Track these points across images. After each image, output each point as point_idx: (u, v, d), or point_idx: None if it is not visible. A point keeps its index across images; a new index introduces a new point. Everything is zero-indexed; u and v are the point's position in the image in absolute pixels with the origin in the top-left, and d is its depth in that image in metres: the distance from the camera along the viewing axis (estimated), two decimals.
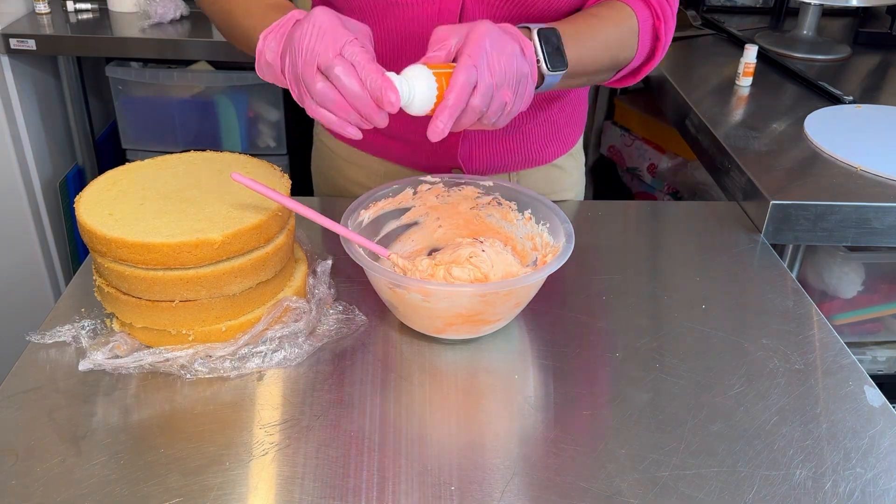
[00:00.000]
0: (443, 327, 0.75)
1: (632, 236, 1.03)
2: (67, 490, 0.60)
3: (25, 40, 1.65)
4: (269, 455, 0.64)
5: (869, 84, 1.55)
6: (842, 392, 0.73)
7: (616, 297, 0.86)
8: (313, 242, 0.88)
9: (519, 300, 0.75)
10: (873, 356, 1.35)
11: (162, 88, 1.87)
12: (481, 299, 0.71)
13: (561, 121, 1.04)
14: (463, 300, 0.71)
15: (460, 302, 0.71)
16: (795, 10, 1.78)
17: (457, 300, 0.71)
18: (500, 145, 1.00)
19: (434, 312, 0.73)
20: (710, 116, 1.29)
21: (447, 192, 0.86)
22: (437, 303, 0.71)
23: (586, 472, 0.63)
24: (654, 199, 1.97)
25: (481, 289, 0.71)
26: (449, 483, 0.62)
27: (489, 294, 0.71)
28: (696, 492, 0.62)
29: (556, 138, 1.05)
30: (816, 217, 1.01)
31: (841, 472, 0.64)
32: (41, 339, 0.74)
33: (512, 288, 0.72)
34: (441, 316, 0.73)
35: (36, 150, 1.77)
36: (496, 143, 1.00)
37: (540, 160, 1.04)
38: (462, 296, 0.71)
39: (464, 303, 0.71)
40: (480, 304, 0.71)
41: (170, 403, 0.69)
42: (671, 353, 0.77)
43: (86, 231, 0.69)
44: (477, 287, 0.72)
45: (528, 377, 0.74)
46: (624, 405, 0.70)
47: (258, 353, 0.73)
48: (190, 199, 0.74)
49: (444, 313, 0.72)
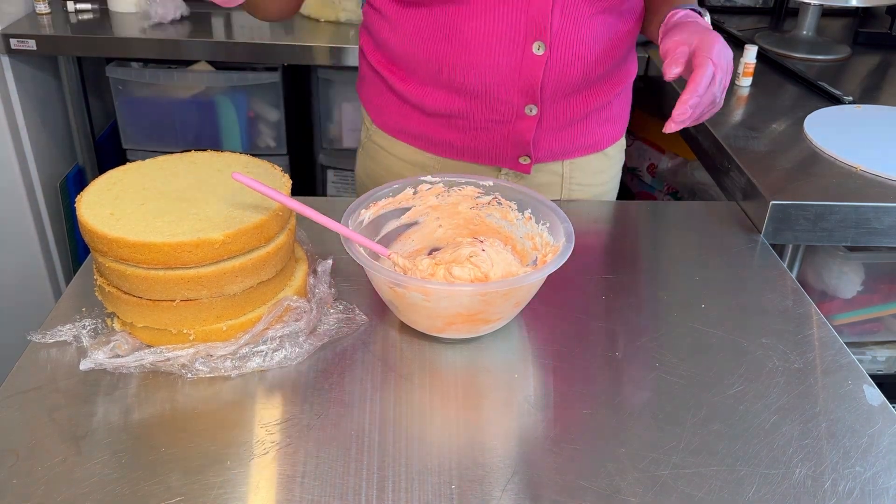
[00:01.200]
0: (443, 326, 0.75)
1: (632, 236, 1.03)
2: (68, 489, 0.60)
3: (25, 40, 1.65)
4: (270, 454, 0.64)
5: (869, 84, 1.55)
6: (841, 391, 0.73)
7: (616, 297, 0.86)
8: (314, 242, 0.88)
9: (519, 300, 0.75)
10: (873, 356, 1.36)
11: (162, 88, 1.87)
12: (481, 298, 0.71)
13: (619, 107, 1.07)
14: (463, 299, 0.71)
15: (460, 301, 0.71)
16: (795, 10, 1.78)
17: (457, 299, 0.71)
18: (567, 131, 1.02)
19: (434, 312, 0.73)
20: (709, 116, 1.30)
21: (447, 192, 0.87)
22: (437, 302, 0.71)
23: (586, 471, 0.63)
24: (654, 199, 1.97)
25: (481, 288, 0.71)
26: (449, 482, 0.62)
27: (489, 293, 0.71)
28: (696, 490, 0.62)
29: (612, 125, 1.07)
30: (816, 217, 1.01)
31: (840, 470, 0.64)
32: (42, 339, 0.74)
33: (512, 287, 0.72)
34: (441, 315, 0.73)
35: (36, 150, 1.77)
36: (564, 130, 1.01)
37: (597, 146, 1.06)
38: (462, 295, 0.71)
39: (464, 302, 0.71)
40: (480, 304, 0.71)
41: (171, 403, 0.69)
42: (671, 352, 0.78)
43: (87, 231, 0.69)
44: (477, 286, 0.72)
45: (528, 377, 0.74)
46: (624, 405, 0.71)
47: (259, 353, 0.73)
48: (190, 198, 0.74)
49: (444, 312, 0.73)
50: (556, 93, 0.96)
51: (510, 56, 0.91)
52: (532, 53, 0.91)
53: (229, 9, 1.88)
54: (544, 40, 0.90)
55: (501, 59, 0.91)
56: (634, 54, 1.07)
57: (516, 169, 1.03)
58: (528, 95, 0.94)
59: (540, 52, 0.91)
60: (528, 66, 0.92)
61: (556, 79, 0.94)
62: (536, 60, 0.91)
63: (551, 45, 0.91)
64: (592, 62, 0.95)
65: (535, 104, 0.95)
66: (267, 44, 1.69)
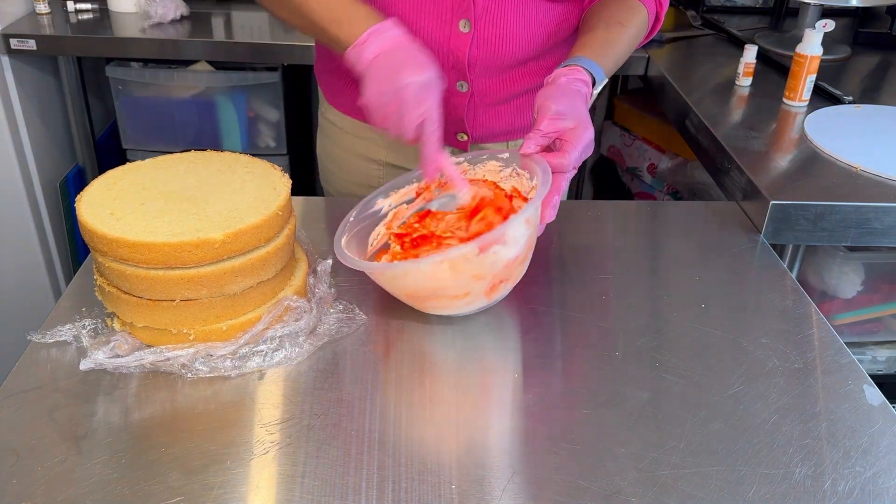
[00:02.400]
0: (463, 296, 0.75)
1: (632, 236, 1.03)
2: (68, 489, 0.60)
3: (25, 40, 1.65)
4: (270, 454, 0.64)
5: (869, 84, 1.55)
6: (841, 391, 0.73)
7: (616, 297, 0.86)
8: (314, 242, 0.88)
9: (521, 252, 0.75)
10: (873, 356, 1.35)
11: (162, 88, 1.87)
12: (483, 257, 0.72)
13: None
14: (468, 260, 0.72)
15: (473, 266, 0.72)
16: (795, 10, 1.78)
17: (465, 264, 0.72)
18: (502, 109, 1.04)
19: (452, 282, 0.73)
20: (710, 116, 1.30)
21: (472, 169, 0.90)
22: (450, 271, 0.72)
23: (586, 470, 0.63)
24: (654, 199, 1.97)
25: (478, 242, 0.71)
26: (449, 482, 0.62)
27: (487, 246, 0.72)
28: (696, 490, 0.62)
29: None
30: (816, 217, 1.01)
31: (840, 470, 0.64)
32: (42, 339, 0.74)
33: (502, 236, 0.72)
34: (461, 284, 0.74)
35: (36, 150, 1.77)
36: (498, 107, 1.03)
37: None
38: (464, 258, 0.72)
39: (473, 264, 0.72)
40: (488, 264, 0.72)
41: (171, 403, 0.69)
42: (671, 352, 0.78)
43: (87, 230, 0.69)
44: (474, 243, 0.72)
45: (528, 377, 0.74)
46: (624, 404, 0.71)
47: (259, 353, 0.73)
48: (191, 198, 0.74)
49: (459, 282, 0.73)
50: (486, 70, 0.98)
51: (438, 32, 0.95)
52: (459, 30, 0.94)
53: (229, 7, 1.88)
54: (469, 18, 0.93)
55: (430, 36, 0.95)
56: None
57: (454, 146, 1.06)
58: (458, 71, 0.98)
59: (466, 30, 0.94)
60: (455, 43, 0.95)
61: (484, 56, 0.97)
62: (463, 37, 0.94)
63: (475, 23, 0.93)
64: (522, 42, 0.97)
65: (465, 80, 0.98)
66: (267, 44, 1.69)
